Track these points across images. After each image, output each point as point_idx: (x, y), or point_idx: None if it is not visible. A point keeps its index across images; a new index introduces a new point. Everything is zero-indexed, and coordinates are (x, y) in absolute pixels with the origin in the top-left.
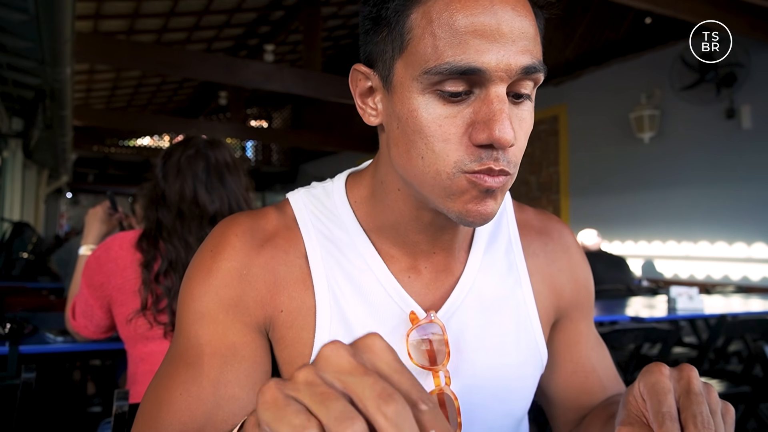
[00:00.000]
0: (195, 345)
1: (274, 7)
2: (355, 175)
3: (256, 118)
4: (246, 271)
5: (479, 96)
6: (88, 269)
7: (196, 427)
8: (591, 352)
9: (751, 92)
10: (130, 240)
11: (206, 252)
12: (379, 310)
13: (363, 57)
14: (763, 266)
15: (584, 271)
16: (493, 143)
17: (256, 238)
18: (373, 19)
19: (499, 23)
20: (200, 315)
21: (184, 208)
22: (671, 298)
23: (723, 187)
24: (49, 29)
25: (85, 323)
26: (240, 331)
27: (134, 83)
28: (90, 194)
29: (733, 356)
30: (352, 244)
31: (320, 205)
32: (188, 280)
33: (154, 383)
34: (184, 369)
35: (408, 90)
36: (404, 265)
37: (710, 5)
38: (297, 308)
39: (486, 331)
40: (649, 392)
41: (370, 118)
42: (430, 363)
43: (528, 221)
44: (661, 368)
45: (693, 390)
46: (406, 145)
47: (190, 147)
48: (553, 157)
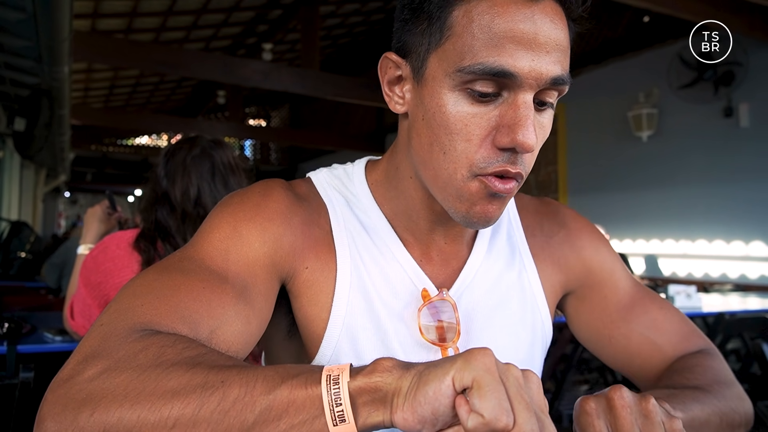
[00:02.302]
0: (222, 258)
1: (272, 5)
2: (374, 161)
3: (255, 117)
4: (290, 216)
5: (507, 100)
6: (86, 269)
7: (211, 326)
8: (622, 314)
9: (749, 91)
10: (127, 240)
11: (254, 192)
12: (395, 285)
13: (395, 45)
14: (761, 264)
15: (588, 240)
16: (516, 147)
17: (297, 195)
18: (413, 10)
19: (537, 32)
20: (238, 235)
21: (187, 208)
22: (669, 297)
23: (721, 185)
24: (47, 28)
25: (83, 323)
26: (266, 267)
27: (132, 82)
28: (88, 193)
29: (731, 354)
30: (371, 222)
31: (341, 185)
32: (229, 206)
33: (163, 270)
34: (207, 272)
35: (439, 85)
36: (417, 249)
37: (709, 4)
38: (320, 269)
39: (494, 312)
40: None
41: (396, 106)
42: (439, 340)
43: (525, 205)
44: (586, 405)
45: (653, 420)
46: (429, 138)
47: (195, 146)
48: (551, 155)
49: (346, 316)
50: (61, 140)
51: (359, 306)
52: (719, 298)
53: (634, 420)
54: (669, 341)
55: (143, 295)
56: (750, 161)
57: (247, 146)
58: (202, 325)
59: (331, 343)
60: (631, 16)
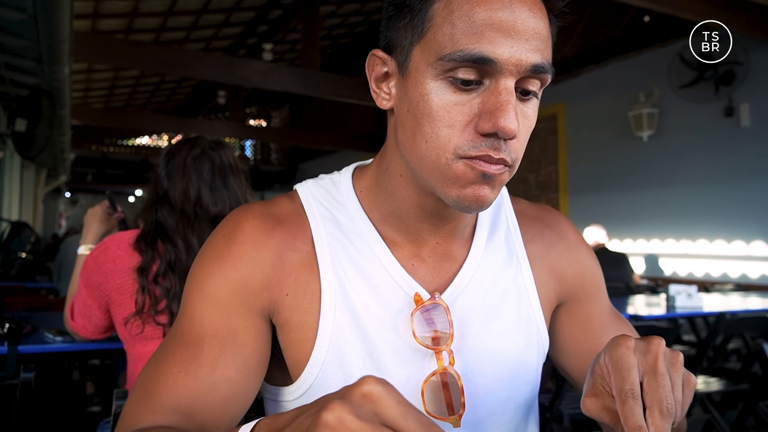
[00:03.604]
0: (198, 325)
1: (273, 6)
2: (362, 167)
3: (255, 117)
4: (255, 254)
5: (489, 87)
6: (86, 269)
7: (190, 405)
8: (605, 332)
9: (750, 90)
10: (128, 240)
11: (219, 237)
12: (384, 295)
13: (382, 43)
14: (762, 264)
15: (584, 254)
16: (497, 132)
17: (267, 222)
18: (396, 5)
19: (515, 20)
20: (206, 296)
21: (187, 209)
22: (670, 296)
23: (722, 185)
24: (47, 28)
25: (83, 323)
26: (243, 315)
27: (133, 82)
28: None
29: (732, 354)
30: (357, 231)
31: (327, 195)
32: (198, 263)
33: (154, 359)
34: (184, 348)
35: (422, 75)
36: (408, 253)
37: (709, 3)
38: (302, 292)
39: (489, 316)
40: (613, 366)
41: (382, 102)
42: (433, 344)
43: (524, 211)
44: (627, 341)
45: (658, 371)
46: (413, 128)
47: (196, 147)
48: (551, 155)
49: (333, 334)
50: (62, 140)
51: (346, 322)
52: (720, 298)
53: (665, 367)
54: None
55: (133, 393)
56: (751, 161)
57: (247, 146)
58: (184, 407)
59: (318, 361)
60: (632, 15)
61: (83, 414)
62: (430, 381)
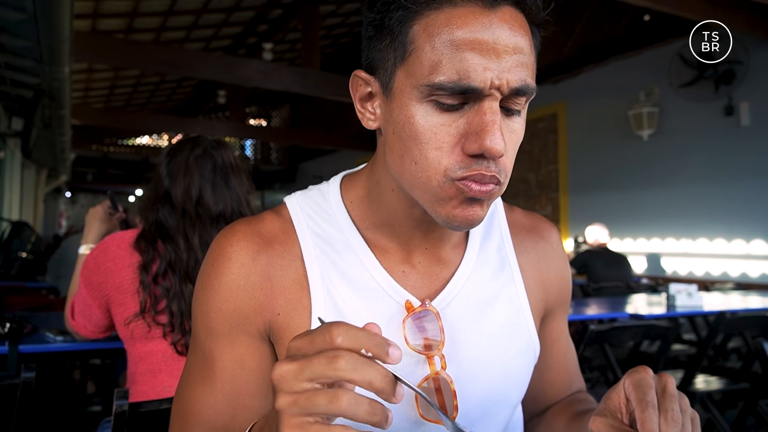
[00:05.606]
0: (209, 359)
1: (273, 5)
2: (350, 176)
3: (255, 117)
4: (244, 281)
5: (473, 107)
6: (86, 269)
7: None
8: (567, 348)
9: (749, 89)
10: (128, 240)
11: (208, 267)
12: (375, 304)
13: (365, 63)
14: (762, 263)
15: (567, 270)
16: (485, 153)
17: (253, 244)
18: (376, 27)
19: (496, 41)
20: (209, 330)
21: (188, 208)
22: (670, 295)
23: (722, 184)
24: (47, 28)
25: (84, 323)
26: (245, 342)
27: (133, 82)
28: (89, 193)
29: (732, 353)
30: (346, 242)
31: (316, 206)
32: (196, 296)
33: (179, 394)
34: (201, 383)
35: (407, 97)
36: (399, 259)
37: (709, 2)
38: (293, 309)
39: (480, 323)
40: (635, 386)
41: (368, 122)
42: (425, 350)
43: (518, 220)
44: (646, 369)
45: (669, 391)
46: (401, 150)
47: (197, 146)
48: (552, 154)
49: None
50: (62, 140)
51: None
52: (720, 297)
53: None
54: (577, 377)
55: (173, 416)
56: (751, 160)
57: (247, 146)
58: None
59: None
60: (632, 14)
61: (84, 413)
62: (423, 386)
